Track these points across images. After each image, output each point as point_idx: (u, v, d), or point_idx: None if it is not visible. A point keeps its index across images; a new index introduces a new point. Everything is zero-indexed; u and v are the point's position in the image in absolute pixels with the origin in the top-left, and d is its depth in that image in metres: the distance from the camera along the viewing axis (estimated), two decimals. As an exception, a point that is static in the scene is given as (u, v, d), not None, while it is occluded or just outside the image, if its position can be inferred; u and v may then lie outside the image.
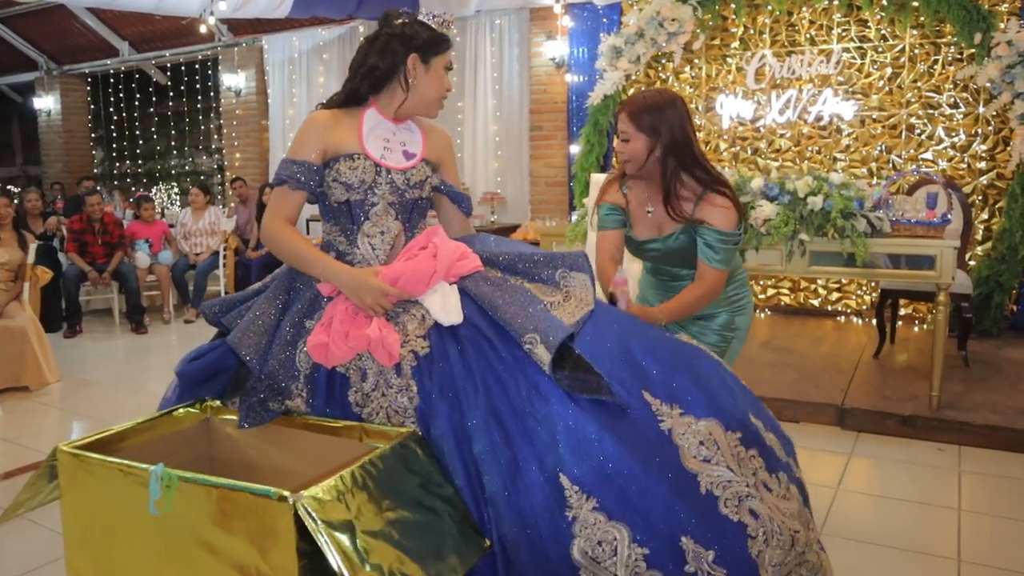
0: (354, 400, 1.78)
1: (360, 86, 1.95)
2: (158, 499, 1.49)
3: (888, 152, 5.74)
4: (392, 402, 1.74)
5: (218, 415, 1.98)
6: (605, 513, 1.58)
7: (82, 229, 6.47)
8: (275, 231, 1.90)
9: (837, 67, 5.79)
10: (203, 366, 1.96)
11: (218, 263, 7.19)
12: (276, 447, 1.93)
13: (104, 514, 1.63)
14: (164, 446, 1.91)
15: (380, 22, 1.97)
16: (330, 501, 1.40)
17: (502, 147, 7.41)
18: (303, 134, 1.91)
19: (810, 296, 6.16)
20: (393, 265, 1.87)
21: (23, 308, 4.88)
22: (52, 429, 4.21)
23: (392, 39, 1.92)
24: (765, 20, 6.01)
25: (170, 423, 1.93)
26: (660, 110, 2.27)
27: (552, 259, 1.91)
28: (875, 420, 3.75)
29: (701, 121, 6.38)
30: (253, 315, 1.87)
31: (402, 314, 1.83)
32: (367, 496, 1.48)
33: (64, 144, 10.67)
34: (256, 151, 8.97)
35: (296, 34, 8.38)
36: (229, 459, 2.01)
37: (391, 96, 1.96)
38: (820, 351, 5.01)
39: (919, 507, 2.97)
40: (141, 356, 5.81)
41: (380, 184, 1.93)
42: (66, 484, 1.67)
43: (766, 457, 1.82)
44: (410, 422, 1.72)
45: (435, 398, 1.70)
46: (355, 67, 1.97)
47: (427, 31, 1.94)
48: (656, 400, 1.72)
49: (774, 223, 3.71)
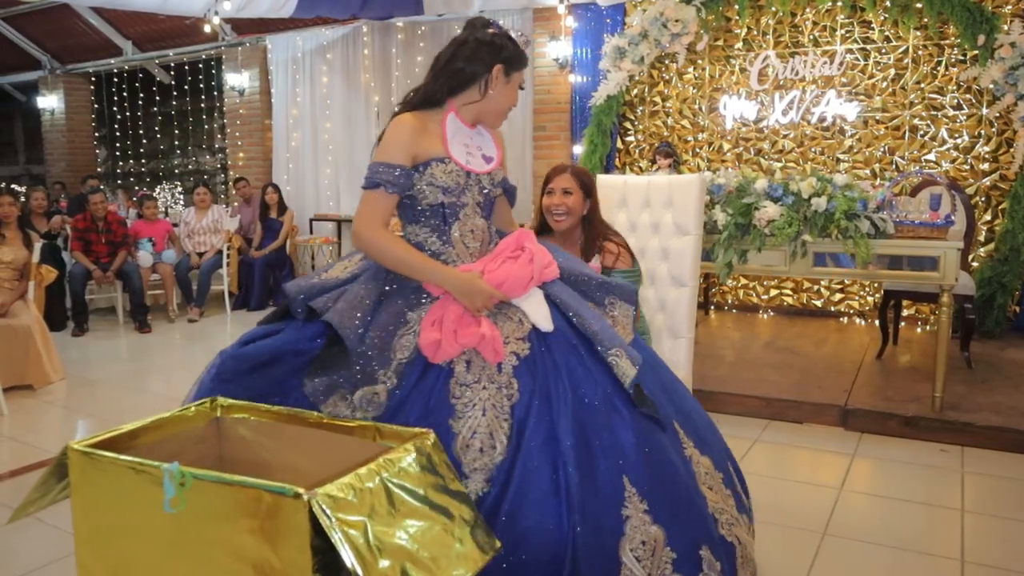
0: (453, 390, 1.82)
1: (440, 88, 1.98)
2: (172, 497, 1.50)
3: (891, 153, 5.75)
4: (491, 395, 1.80)
5: (229, 414, 1.99)
6: (651, 516, 1.73)
7: (86, 228, 6.48)
8: (376, 237, 1.91)
9: (840, 68, 5.80)
10: (269, 348, 1.91)
11: (222, 262, 7.20)
12: (287, 446, 1.93)
13: (115, 512, 1.64)
14: (174, 445, 1.92)
15: (469, 28, 2.02)
16: (344, 499, 1.41)
17: (505, 147, 7.40)
18: (394, 137, 1.93)
19: (813, 297, 6.17)
20: (497, 270, 1.93)
21: (28, 307, 4.89)
22: (56, 427, 4.23)
23: (482, 46, 1.96)
24: (769, 21, 6.03)
25: (180, 422, 1.94)
26: (592, 178, 2.79)
27: (606, 286, 2.08)
28: (878, 421, 3.77)
29: (704, 122, 6.40)
30: (351, 299, 1.88)
31: (499, 316, 1.91)
32: (381, 495, 1.49)
33: (68, 143, 10.68)
34: (259, 151, 8.98)
35: (300, 34, 8.39)
36: (240, 458, 2.02)
37: (467, 101, 2.00)
38: (823, 352, 5.02)
39: (922, 508, 2.98)
40: (145, 355, 5.83)
41: (471, 186, 1.99)
42: (77, 482, 1.68)
43: (736, 499, 2.06)
44: (503, 419, 1.77)
45: (531, 398, 1.79)
46: (438, 68, 2.00)
47: (514, 45, 2.00)
48: (681, 430, 1.96)
49: (778, 224, 3.73)
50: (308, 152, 8.56)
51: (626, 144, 6.77)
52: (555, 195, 2.73)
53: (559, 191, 2.72)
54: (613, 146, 6.51)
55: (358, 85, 8.15)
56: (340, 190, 8.44)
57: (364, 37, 8.05)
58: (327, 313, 1.86)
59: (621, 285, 2.11)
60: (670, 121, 6.57)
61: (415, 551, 1.48)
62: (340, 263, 2.09)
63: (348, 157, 8.35)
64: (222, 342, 6.36)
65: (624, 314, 2.06)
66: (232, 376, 1.95)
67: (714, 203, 3.95)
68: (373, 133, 8.14)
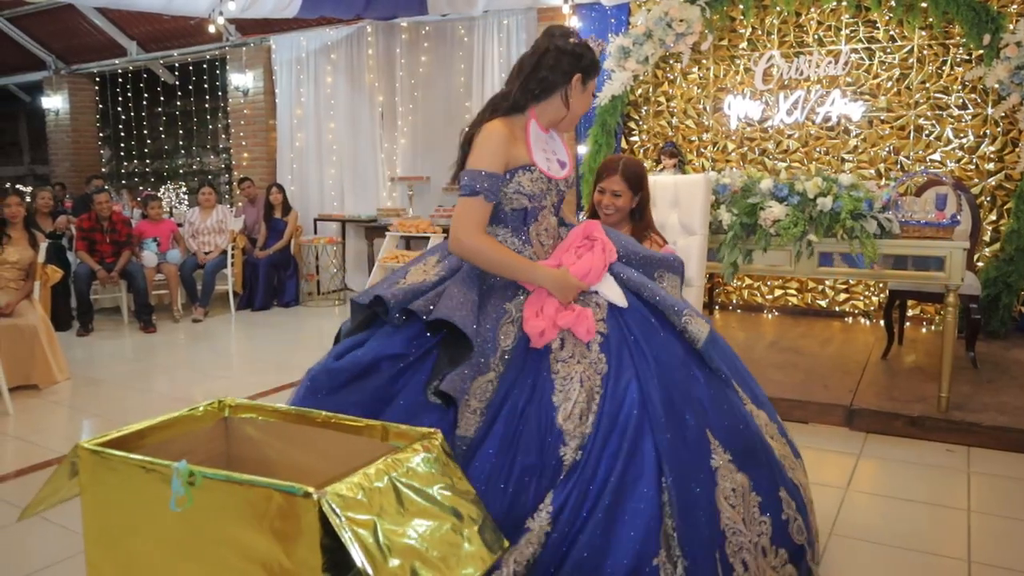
0: (553, 367, 1.95)
1: (524, 96, 2.07)
2: (180, 496, 1.51)
3: (896, 153, 5.74)
4: (584, 369, 1.94)
5: (236, 414, 1.99)
6: (735, 464, 1.93)
7: (91, 228, 6.50)
8: (478, 243, 2.00)
9: (845, 68, 5.80)
10: (365, 359, 1.92)
11: (226, 262, 7.22)
12: (295, 446, 1.94)
13: (125, 511, 1.65)
14: (183, 444, 1.93)
15: (549, 37, 2.08)
16: (354, 498, 1.41)
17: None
18: (490, 146, 2.00)
19: (818, 297, 6.17)
20: (579, 263, 2.07)
21: (33, 307, 4.90)
22: (62, 427, 4.24)
23: (564, 55, 2.05)
24: (773, 21, 6.02)
25: (188, 422, 1.94)
26: (643, 171, 2.92)
27: (655, 260, 2.23)
28: (883, 421, 3.76)
29: (709, 122, 6.39)
30: (456, 297, 1.95)
31: (579, 302, 2.05)
32: (390, 494, 1.50)
33: (72, 143, 10.69)
34: (263, 151, 8.99)
35: (304, 34, 8.39)
36: (248, 457, 2.02)
37: (547, 108, 2.10)
38: (828, 352, 5.01)
39: (928, 508, 2.98)
40: (149, 355, 5.83)
41: (550, 191, 2.13)
42: (86, 481, 1.68)
43: (791, 447, 2.16)
44: (596, 391, 1.90)
45: (619, 369, 1.93)
46: (523, 77, 2.07)
47: (591, 54, 2.10)
48: (739, 388, 2.14)
49: (783, 224, 3.73)
50: (312, 152, 8.56)
51: (630, 144, 6.77)
52: (605, 195, 2.89)
53: (609, 192, 2.88)
54: (617, 146, 6.51)
55: (362, 85, 8.16)
56: (344, 190, 8.44)
57: (368, 37, 8.05)
58: (440, 311, 1.90)
59: (665, 257, 2.25)
60: (674, 121, 6.57)
61: (424, 551, 1.49)
62: (416, 267, 2.12)
63: (352, 157, 8.35)
64: (226, 342, 6.41)
65: (672, 284, 2.22)
66: (326, 391, 1.97)
67: (719, 203, 3.94)
68: (377, 133, 8.16)
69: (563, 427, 1.85)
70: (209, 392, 4.72)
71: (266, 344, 6.25)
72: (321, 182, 8.58)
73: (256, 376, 5.09)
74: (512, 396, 1.90)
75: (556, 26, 2.12)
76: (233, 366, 5.66)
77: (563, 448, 1.84)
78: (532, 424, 1.87)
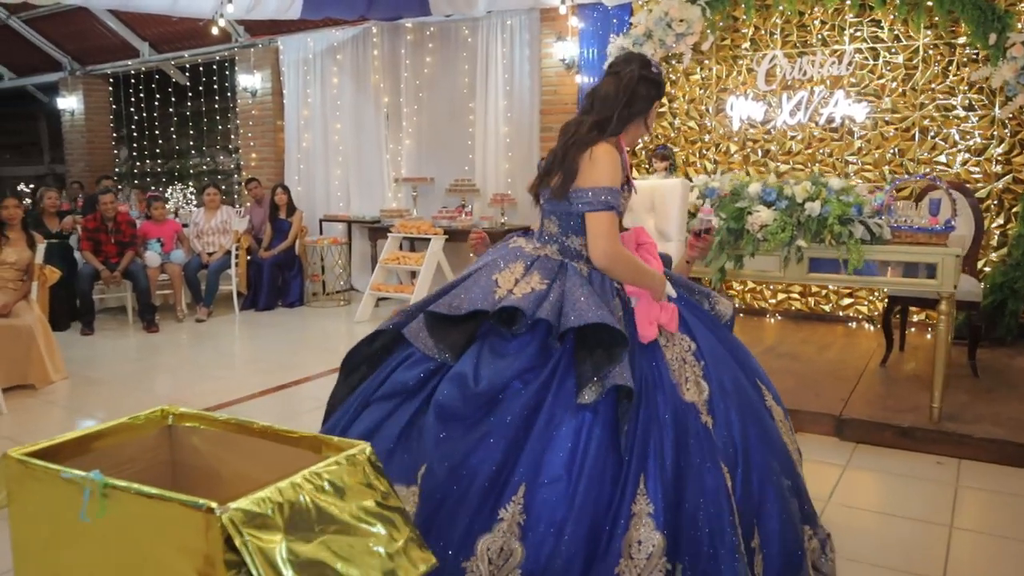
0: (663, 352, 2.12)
1: (621, 123, 2.17)
2: (89, 506, 1.49)
3: (901, 155, 5.62)
4: (681, 351, 2.15)
5: (180, 422, 1.98)
6: (776, 401, 2.33)
7: (96, 228, 6.55)
8: (623, 253, 2.14)
9: (849, 68, 5.69)
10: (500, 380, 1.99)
11: (230, 262, 7.25)
12: (236, 455, 1.92)
13: (48, 522, 1.63)
14: (124, 453, 1.91)
15: (633, 65, 2.20)
16: (260, 514, 1.38)
17: (513, 148, 7.38)
18: (613, 166, 2.12)
19: (821, 301, 6.06)
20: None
21: (31, 307, 4.94)
22: (55, 427, 4.27)
23: (651, 85, 2.20)
24: (776, 20, 5.92)
25: (130, 430, 1.93)
26: None
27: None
28: (873, 431, 3.68)
29: (711, 123, 6.31)
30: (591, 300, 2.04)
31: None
32: (303, 510, 1.46)
33: (87, 143, 10.82)
34: (271, 151, 9.03)
35: (310, 35, 8.42)
36: (192, 465, 2.01)
37: (631, 130, 2.24)
38: (825, 358, 4.92)
39: (909, 523, 2.90)
40: (150, 355, 5.87)
41: (625, 204, 2.26)
42: (14, 491, 1.67)
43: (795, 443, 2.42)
44: (694, 365, 2.13)
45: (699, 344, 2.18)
46: (620, 104, 2.16)
47: (662, 79, 2.27)
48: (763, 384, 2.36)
49: (771, 229, 3.65)
50: (319, 153, 8.58)
51: (633, 145, 6.70)
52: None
53: None
54: (619, 148, 6.44)
55: (367, 86, 8.16)
56: (350, 191, 8.46)
57: (374, 38, 8.05)
58: (591, 316, 1.98)
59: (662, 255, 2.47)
60: (676, 122, 6.49)
61: (338, 568, 1.45)
62: (504, 275, 2.15)
63: (357, 158, 8.35)
64: (228, 342, 6.43)
65: None
66: (455, 417, 1.98)
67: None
68: (383, 134, 8.15)
69: (693, 401, 2.05)
70: (207, 392, 4.74)
71: (269, 344, 6.27)
72: (327, 183, 8.60)
73: (257, 376, 5.11)
74: (647, 388, 2.03)
75: (638, 56, 2.25)
76: (234, 366, 5.67)
77: (702, 416, 2.04)
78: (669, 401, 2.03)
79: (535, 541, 1.85)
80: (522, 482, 1.88)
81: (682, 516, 1.92)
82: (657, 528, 1.86)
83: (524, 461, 1.90)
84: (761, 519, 2.06)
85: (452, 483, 1.90)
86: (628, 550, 1.86)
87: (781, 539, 2.06)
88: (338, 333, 6.62)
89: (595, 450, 1.90)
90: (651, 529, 1.86)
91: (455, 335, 2.07)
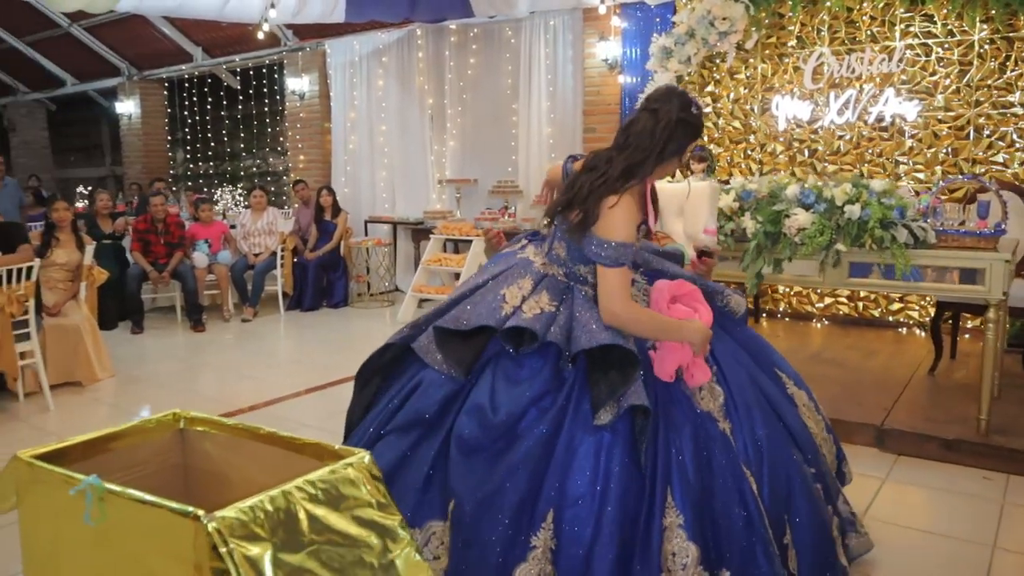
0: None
1: (654, 164, 2.09)
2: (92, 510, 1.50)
3: (955, 155, 5.41)
4: None
5: (191, 426, 1.99)
6: (798, 385, 2.38)
7: (146, 229, 6.73)
8: (633, 311, 2.07)
9: (900, 65, 5.49)
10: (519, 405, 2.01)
11: (276, 263, 7.37)
12: (245, 459, 1.93)
13: (54, 525, 1.66)
14: (135, 456, 1.94)
15: (672, 104, 2.08)
16: (247, 522, 1.38)
17: (555, 149, 7.33)
18: (627, 218, 2.06)
19: (869, 306, 5.87)
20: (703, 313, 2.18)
21: (79, 307, 5.09)
22: (98, 424, 4.27)
23: (688, 127, 2.10)
24: (823, 16, 5.75)
25: (141, 433, 1.95)
26: None
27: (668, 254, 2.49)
28: (916, 443, 3.53)
29: (756, 123, 6.16)
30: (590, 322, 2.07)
31: None
32: (292, 518, 1.46)
33: (143, 146, 11.15)
34: (319, 153, 9.15)
35: (357, 38, 8.50)
36: (203, 469, 2.02)
37: (663, 168, 2.15)
38: (871, 365, 4.75)
39: (949, 541, 2.77)
40: (196, 354, 6.00)
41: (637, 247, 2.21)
42: (22, 493, 1.70)
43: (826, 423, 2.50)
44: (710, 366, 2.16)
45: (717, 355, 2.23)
46: (655, 146, 2.07)
47: (703, 119, 2.17)
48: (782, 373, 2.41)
49: (808, 232, 3.54)
50: (364, 155, 8.67)
51: (676, 146, 6.59)
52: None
53: None
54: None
55: (412, 88, 8.21)
56: (395, 192, 8.52)
57: (418, 40, 8.09)
58: (602, 338, 1.99)
59: (671, 252, 2.50)
60: (720, 122, 6.36)
61: (327, 579, 1.44)
62: (511, 290, 2.15)
63: (403, 160, 8.41)
64: (273, 341, 6.52)
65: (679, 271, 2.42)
66: (477, 450, 2.00)
67: (744, 210, 3.78)
68: (427, 136, 8.20)
69: (706, 408, 2.07)
70: (249, 391, 4.81)
71: (312, 344, 6.35)
72: (373, 184, 8.68)
73: (299, 375, 5.18)
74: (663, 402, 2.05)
75: (676, 93, 2.12)
76: (277, 365, 5.73)
77: (720, 424, 2.06)
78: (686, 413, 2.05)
79: (568, 564, 1.89)
80: (550, 507, 1.92)
81: (712, 525, 1.96)
82: (690, 539, 1.90)
83: (549, 486, 1.93)
84: (791, 514, 2.08)
85: (482, 517, 1.94)
86: (665, 563, 1.90)
87: (811, 531, 2.09)
88: (381, 334, 6.58)
89: (617, 468, 1.92)
90: (684, 540, 1.90)
91: (463, 351, 2.09)
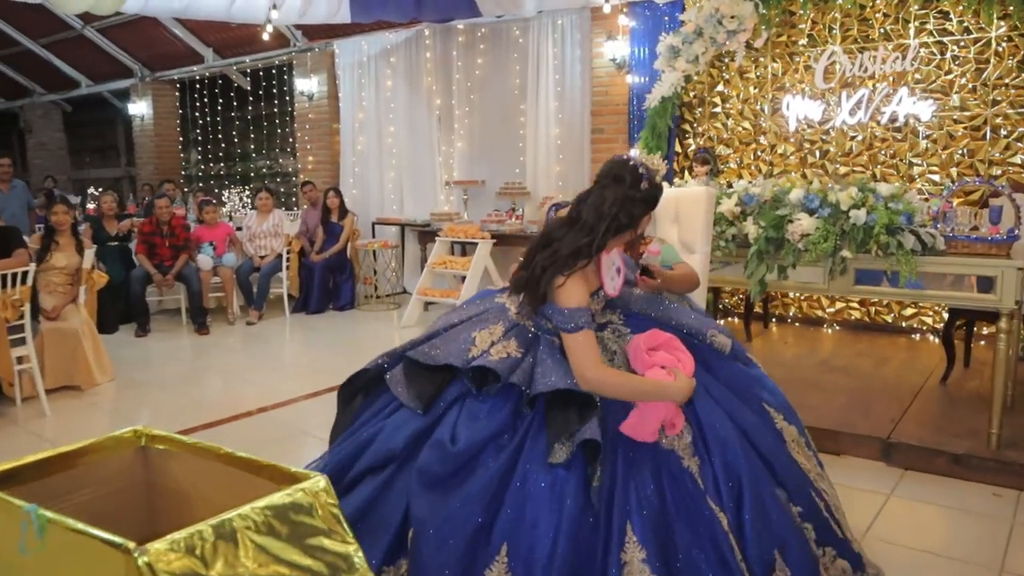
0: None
1: (604, 240, 2.11)
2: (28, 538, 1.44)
3: (971, 156, 5.25)
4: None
5: (153, 444, 1.93)
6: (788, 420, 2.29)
7: (151, 232, 6.70)
8: (605, 376, 2.05)
9: (914, 63, 5.34)
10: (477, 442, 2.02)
11: (281, 266, 7.33)
12: (205, 478, 1.86)
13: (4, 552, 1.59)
14: (99, 473, 1.88)
15: (624, 181, 2.11)
16: (181, 554, 1.30)
17: (563, 150, 7.24)
18: (577, 293, 2.09)
19: (881, 311, 5.72)
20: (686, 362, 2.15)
21: (79, 311, 5.07)
22: (95, 430, 4.30)
23: (638, 203, 2.13)
24: (835, 14, 5.61)
25: (102, 450, 1.89)
26: None
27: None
28: (924, 457, 3.41)
29: (766, 124, 6.03)
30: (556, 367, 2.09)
31: None
32: (235, 549, 1.38)
33: (155, 147, 11.18)
34: (327, 154, 9.11)
35: (365, 38, 8.45)
36: (167, 488, 1.96)
37: (618, 240, 2.19)
38: (881, 373, 4.62)
39: (953, 564, 2.65)
40: (199, 357, 5.97)
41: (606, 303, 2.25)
42: (-32, 516, 1.63)
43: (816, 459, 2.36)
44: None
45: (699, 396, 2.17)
46: (605, 222, 2.09)
47: (659, 190, 2.18)
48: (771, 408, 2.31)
49: (812, 238, 3.42)
50: (373, 155, 8.62)
51: (684, 148, 6.47)
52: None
53: None
54: (670, 150, 6.22)
55: (420, 88, 8.14)
56: (403, 193, 8.46)
57: (426, 40, 8.02)
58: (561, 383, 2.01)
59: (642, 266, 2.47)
60: (730, 123, 6.23)
61: (270, 614, 1.36)
62: (482, 334, 2.19)
63: (411, 161, 8.35)
64: (278, 345, 6.48)
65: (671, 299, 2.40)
66: (436, 482, 2.00)
67: (746, 214, 3.67)
68: (435, 137, 8.12)
69: (674, 447, 2.04)
70: (252, 395, 4.75)
71: (317, 347, 6.30)
72: (381, 185, 8.62)
73: (304, 379, 5.14)
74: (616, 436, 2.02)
75: (628, 169, 2.13)
76: (282, 369, 5.69)
77: (684, 461, 2.02)
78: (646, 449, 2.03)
79: None
80: (504, 541, 1.91)
81: (678, 560, 1.92)
82: (654, 572, 1.86)
83: (503, 520, 1.93)
84: (786, 550, 2.03)
85: (436, 547, 1.93)
86: None
87: (801, 568, 2.04)
88: (387, 337, 6.58)
89: (571, 503, 1.91)
90: (648, 574, 1.86)
91: (425, 384, 2.14)
